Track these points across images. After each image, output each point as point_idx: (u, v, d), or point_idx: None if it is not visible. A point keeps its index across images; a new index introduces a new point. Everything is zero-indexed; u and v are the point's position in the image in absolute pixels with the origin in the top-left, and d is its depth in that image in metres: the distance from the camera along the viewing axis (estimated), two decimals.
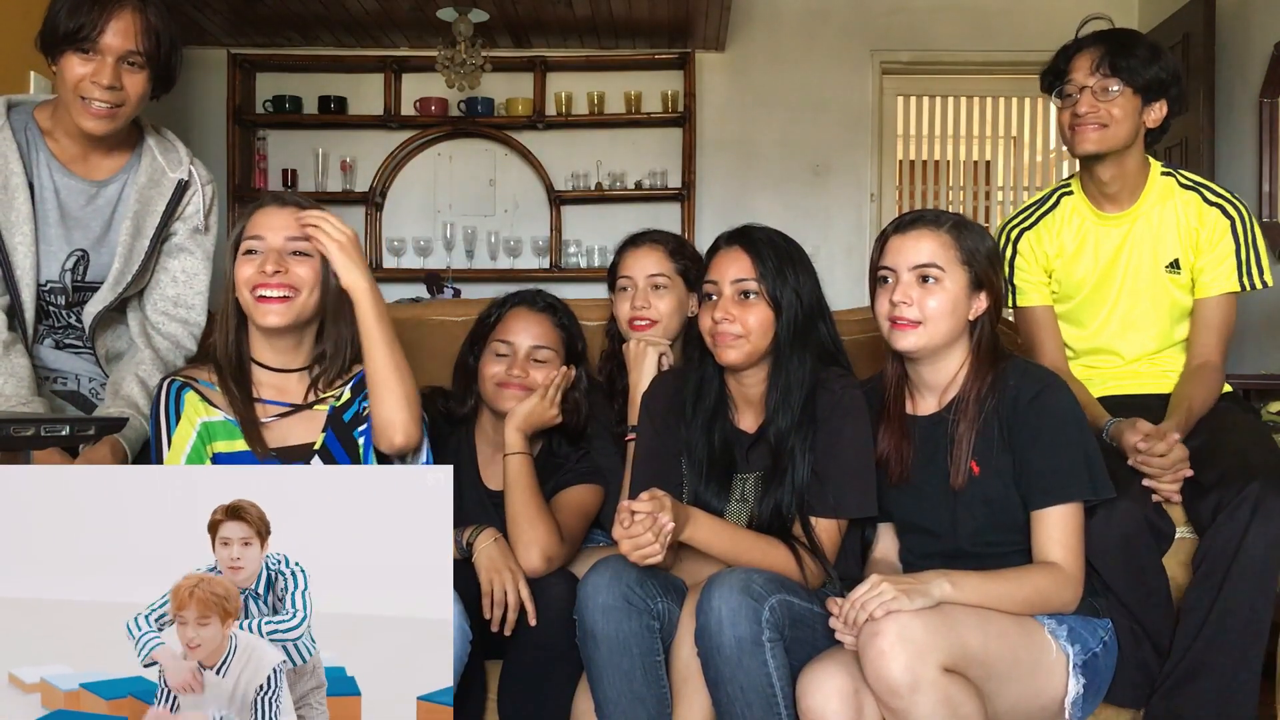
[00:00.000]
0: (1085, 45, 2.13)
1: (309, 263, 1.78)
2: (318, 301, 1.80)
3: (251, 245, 1.78)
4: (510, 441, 1.94)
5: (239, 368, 1.81)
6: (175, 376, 1.81)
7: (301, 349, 1.84)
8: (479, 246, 5.40)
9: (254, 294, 1.75)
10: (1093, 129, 2.09)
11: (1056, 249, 2.22)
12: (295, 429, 1.82)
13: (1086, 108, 2.09)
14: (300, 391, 1.85)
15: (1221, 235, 2.12)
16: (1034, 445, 1.71)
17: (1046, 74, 2.20)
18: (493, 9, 4.79)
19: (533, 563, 1.86)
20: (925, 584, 1.56)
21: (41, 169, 1.96)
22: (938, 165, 6.34)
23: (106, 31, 1.85)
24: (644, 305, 2.16)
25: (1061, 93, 2.14)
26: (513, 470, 1.93)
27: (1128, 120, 2.09)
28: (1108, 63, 2.07)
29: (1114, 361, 2.24)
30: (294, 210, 1.80)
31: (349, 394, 1.85)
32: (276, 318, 1.75)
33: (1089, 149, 2.10)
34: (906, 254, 1.76)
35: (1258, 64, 4.13)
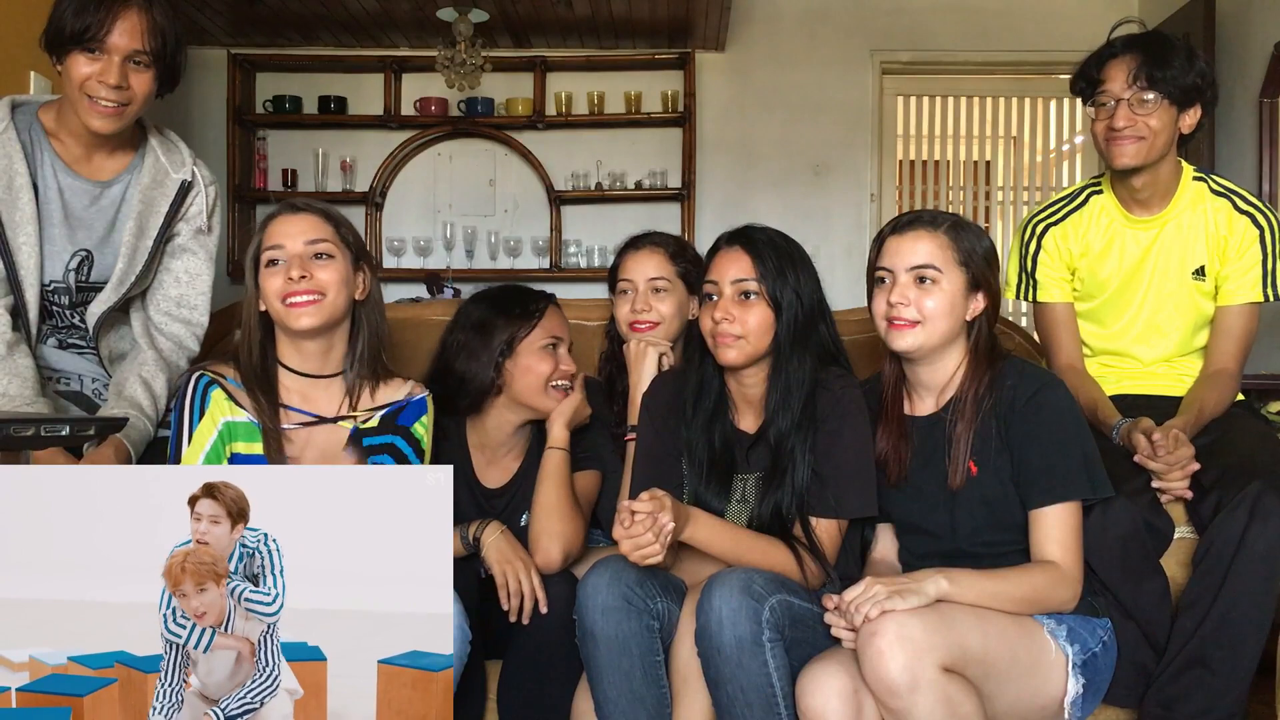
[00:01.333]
0: (1119, 52, 2.07)
1: (331, 264, 1.79)
2: (345, 302, 1.81)
3: (273, 255, 1.78)
4: (558, 437, 1.97)
5: (265, 378, 1.81)
6: (204, 371, 1.80)
7: (331, 356, 1.84)
8: (479, 246, 5.39)
9: (284, 303, 1.76)
10: (1130, 143, 2.05)
11: (1082, 248, 2.20)
12: (316, 441, 1.83)
13: (1124, 121, 2.04)
14: (328, 403, 1.85)
15: (1250, 244, 2.10)
16: (1032, 444, 1.71)
17: (1077, 79, 2.14)
18: (493, 9, 4.79)
19: (552, 555, 1.87)
20: (919, 583, 1.56)
21: (46, 169, 1.97)
22: (938, 165, 6.33)
23: (113, 31, 1.85)
24: (644, 308, 2.16)
25: (1096, 102, 2.10)
26: (553, 464, 1.95)
27: (1165, 131, 2.05)
28: (1145, 74, 2.03)
29: (1132, 364, 2.23)
30: (308, 214, 1.81)
31: (377, 422, 1.85)
32: (309, 319, 1.76)
33: (1129, 163, 2.06)
34: (904, 255, 1.76)
35: (1258, 64, 4.13)
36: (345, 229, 1.85)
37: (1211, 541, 1.83)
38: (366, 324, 1.86)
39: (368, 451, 1.83)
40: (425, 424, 1.89)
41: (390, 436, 1.85)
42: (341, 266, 1.79)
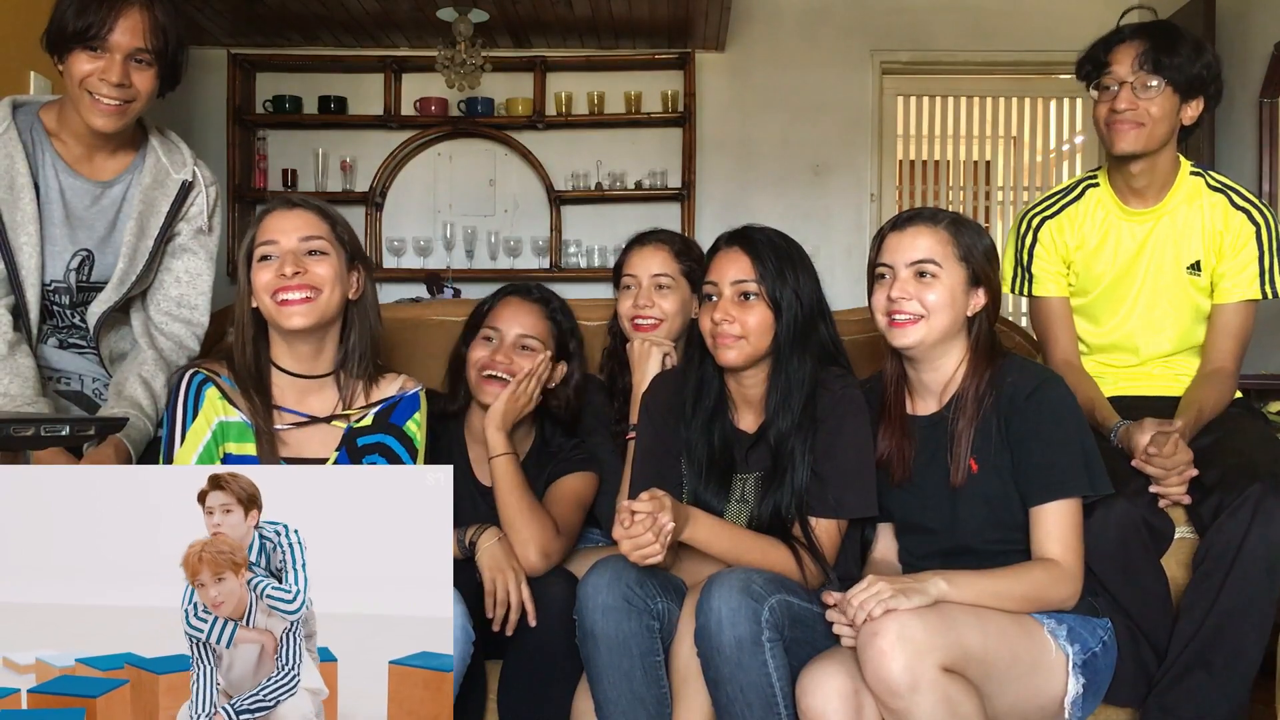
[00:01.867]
0: (1127, 37, 2.08)
1: (326, 260, 1.77)
2: (339, 300, 1.79)
3: (266, 251, 1.77)
4: (493, 443, 1.93)
5: (258, 377, 1.80)
6: (198, 369, 1.79)
7: (324, 355, 1.83)
8: (479, 246, 5.39)
9: (275, 299, 1.74)
10: (1131, 127, 2.05)
11: (1078, 241, 2.20)
12: (310, 441, 1.82)
13: (1126, 104, 2.05)
14: (321, 403, 1.84)
15: (1246, 241, 2.10)
16: (1032, 441, 1.71)
17: (1084, 62, 2.14)
18: (493, 9, 4.79)
19: (531, 560, 1.86)
20: (922, 583, 1.56)
21: (47, 169, 1.97)
22: (938, 165, 6.33)
23: (115, 29, 1.85)
24: (647, 304, 2.16)
25: (1099, 84, 2.10)
26: (500, 472, 1.92)
27: (1166, 120, 2.06)
28: (1151, 59, 2.03)
29: (1128, 359, 2.22)
30: (303, 211, 1.80)
31: (370, 421, 1.85)
32: (301, 318, 1.74)
33: (1127, 148, 2.07)
34: (904, 250, 1.76)
35: (1258, 64, 4.13)
36: (341, 227, 1.83)
37: (1212, 543, 1.83)
38: (360, 324, 1.84)
39: (364, 451, 1.82)
40: (418, 421, 1.88)
41: (382, 436, 1.84)
42: (335, 264, 1.78)
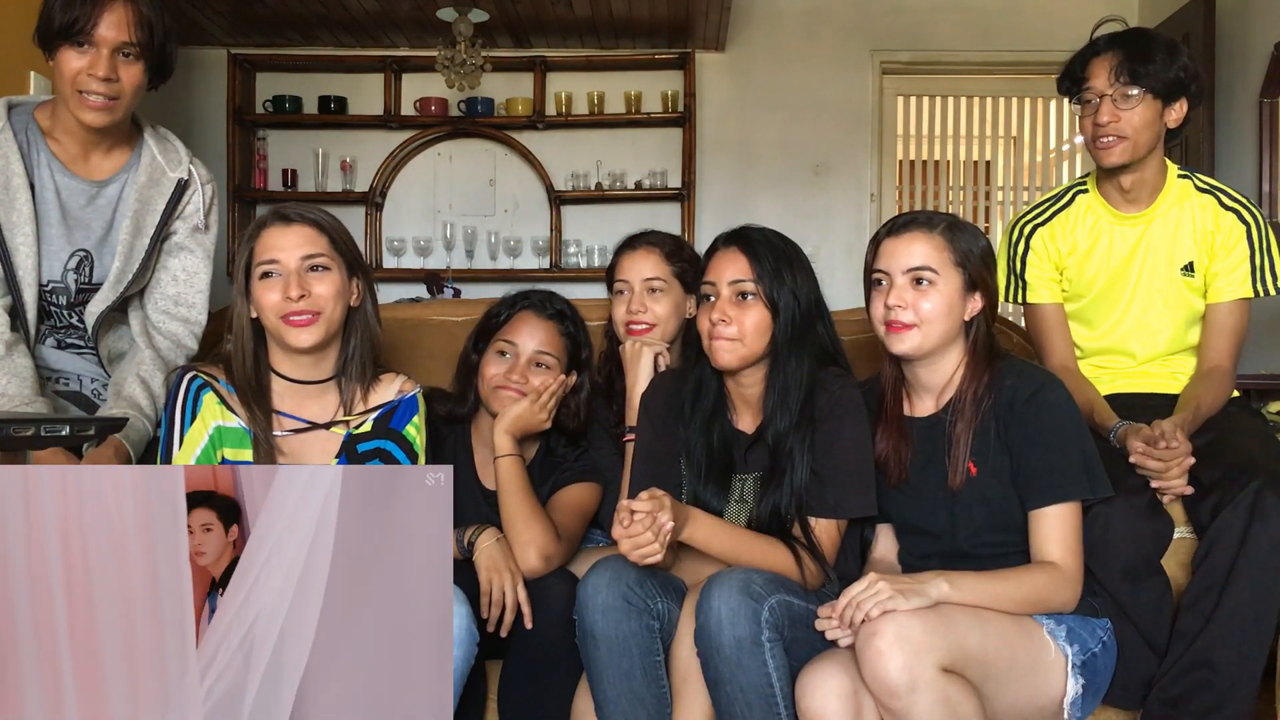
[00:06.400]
0: (1102, 50, 2.10)
1: (327, 277, 1.78)
2: (342, 313, 1.80)
3: (268, 269, 1.77)
4: (500, 444, 1.94)
5: (258, 388, 1.80)
6: (197, 373, 1.79)
7: (324, 363, 1.84)
8: (479, 246, 5.39)
9: (283, 319, 1.75)
10: (1115, 142, 2.07)
11: (1070, 246, 2.21)
12: (310, 448, 1.82)
13: (1107, 116, 2.07)
14: (321, 409, 1.84)
15: (1237, 240, 2.11)
16: (1031, 444, 1.71)
17: (1063, 79, 2.17)
18: (493, 9, 4.79)
19: (531, 563, 1.86)
20: (922, 584, 1.56)
21: (42, 169, 1.97)
22: (938, 165, 6.34)
23: (100, 24, 1.86)
24: (640, 309, 2.15)
25: (1080, 99, 2.13)
26: (504, 473, 1.92)
27: (1149, 128, 2.07)
28: (1127, 70, 2.05)
29: (1125, 362, 2.23)
30: (301, 226, 1.79)
31: (370, 426, 1.85)
32: (309, 337, 1.76)
33: (1114, 162, 2.09)
34: (899, 257, 1.76)
35: (1258, 64, 4.12)
36: (339, 237, 1.83)
37: (1212, 542, 1.83)
38: (360, 330, 1.85)
39: (364, 457, 1.82)
40: (417, 424, 1.88)
41: (381, 441, 1.84)
42: (337, 279, 1.79)
